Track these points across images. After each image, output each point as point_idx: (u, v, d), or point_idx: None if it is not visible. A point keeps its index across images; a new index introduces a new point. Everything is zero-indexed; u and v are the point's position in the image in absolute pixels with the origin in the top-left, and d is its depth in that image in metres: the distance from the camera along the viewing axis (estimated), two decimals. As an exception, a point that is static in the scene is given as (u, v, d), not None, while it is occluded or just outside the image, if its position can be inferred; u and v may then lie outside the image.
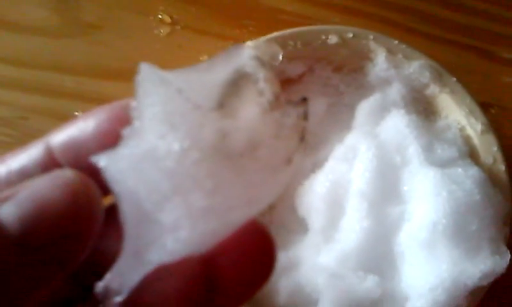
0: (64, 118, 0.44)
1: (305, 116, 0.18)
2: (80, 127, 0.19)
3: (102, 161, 0.16)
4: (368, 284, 0.32)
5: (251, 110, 0.18)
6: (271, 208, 0.39)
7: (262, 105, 0.18)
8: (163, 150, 0.16)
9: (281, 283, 0.34)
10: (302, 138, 0.18)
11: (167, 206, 0.16)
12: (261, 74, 0.18)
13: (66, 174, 0.16)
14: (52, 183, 0.16)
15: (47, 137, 0.19)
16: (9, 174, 0.18)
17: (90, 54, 0.44)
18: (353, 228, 0.33)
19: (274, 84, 0.18)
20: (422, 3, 0.46)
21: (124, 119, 0.18)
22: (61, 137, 0.19)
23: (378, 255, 0.34)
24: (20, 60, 0.44)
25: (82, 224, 0.16)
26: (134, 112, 0.17)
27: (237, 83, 0.18)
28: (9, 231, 0.15)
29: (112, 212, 0.17)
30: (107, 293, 0.17)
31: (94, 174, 0.16)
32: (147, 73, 0.17)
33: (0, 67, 0.43)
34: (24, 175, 0.18)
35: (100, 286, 0.17)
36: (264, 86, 0.18)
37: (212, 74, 0.18)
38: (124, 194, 0.16)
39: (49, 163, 0.19)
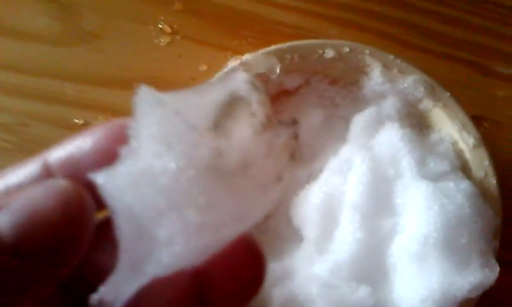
0: (64, 124, 0.46)
1: (295, 136, 0.19)
2: (78, 145, 0.19)
3: (100, 178, 0.16)
4: (361, 294, 0.33)
5: (244, 130, 0.18)
6: (267, 217, 0.39)
7: (254, 126, 0.18)
8: (159, 168, 0.17)
9: (275, 292, 0.35)
10: (292, 157, 0.19)
11: (162, 222, 0.17)
12: (254, 97, 0.19)
13: (59, 183, 0.16)
14: (45, 192, 0.16)
15: (44, 154, 0.19)
16: (8, 188, 0.19)
17: (90, 62, 0.45)
18: (346, 239, 0.34)
19: (266, 106, 0.19)
20: (418, 17, 0.47)
21: (121, 138, 0.18)
22: (59, 153, 0.19)
23: (370, 266, 0.34)
24: (21, 67, 0.44)
25: (74, 232, 0.16)
26: (131, 132, 0.17)
27: (232, 105, 0.18)
28: (3, 239, 0.15)
29: (107, 227, 0.17)
30: (102, 306, 0.17)
31: (91, 190, 0.16)
32: (145, 95, 0.18)
33: (1, 74, 0.44)
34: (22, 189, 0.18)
35: (94, 298, 0.17)
36: (256, 108, 0.19)
37: (208, 96, 0.19)
38: (120, 210, 0.16)
39: (47, 179, 0.19)
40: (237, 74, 0.19)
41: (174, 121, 0.17)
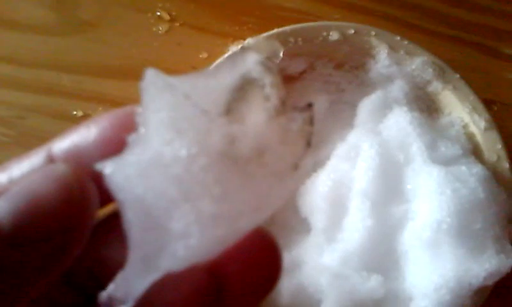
0: (62, 116, 0.45)
1: (311, 121, 0.18)
2: (83, 135, 0.19)
3: (108, 168, 0.16)
4: (372, 284, 0.32)
5: (257, 115, 0.18)
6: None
7: (268, 110, 0.18)
8: (170, 156, 0.16)
9: (284, 283, 0.34)
10: (308, 143, 0.18)
11: (176, 213, 0.16)
12: (267, 79, 0.18)
13: (58, 168, 0.16)
14: (45, 177, 0.15)
15: (48, 145, 0.19)
16: (12, 181, 0.18)
17: (88, 51, 0.44)
18: (356, 227, 0.33)
19: (280, 89, 0.18)
20: (425, 0, 0.46)
21: (127, 127, 0.17)
22: (64, 144, 0.19)
23: (381, 255, 0.33)
24: (17, 58, 0.43)
25: (76, 218, 0.15)
26: (139, 118, 0.17)
27: (244, 88, 0.18)
28: (1, 227, 0.14)
29: (115, 222, 0.17)
30: (111, 303, 0.16)
31: (97, 181, 0.16)
32: (152, 79, 0.17)
33: (-3, 65, 0.43)
34: None
35: (104, 295, 0.16)
36: (270, 91, 0.18)
37: (218, 79, 0.18)
38: (130, 202, 0.16)
39: None
40: (247, 55, 0.18)
41: (184, 105, 0.17)
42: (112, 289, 0.16)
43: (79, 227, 0.16)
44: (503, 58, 0.46)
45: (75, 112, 0.43)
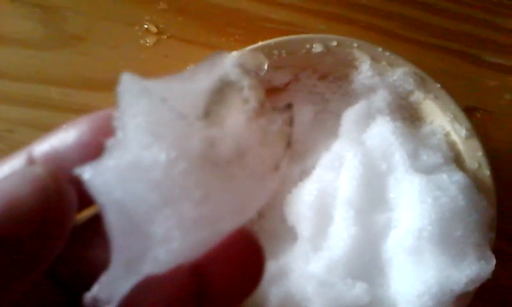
0: (51, 129, 0.45)
1: (291, 122, 0.19)
2: (62, 138, 0.19)
3: (87, 173, 0.16)
4: (357, 291, 0.32)
5: (236, 118, 0.18)
6: (261, 216, 0.39)
7: (247, 112, 0.18)
8: (149, 161, 0.16)
9: (272, 291, 0.34)
10: (288, 144, 0.19)
11: (157, 218, 0.16)
12: (245, 82, 0.18)
13: (35, 170, 0.16)
14: (21, 179, 0.15)
15: (29, 147, 0.19)
16: None
17: (76, 65, 0.44)
18: (341, 235, 0.34)
19: (258, 91, 0.18)
20: (406, 9, 0.47)
21: (106, 130, 0.18)
22: (43, 147, 0.19)
23: (366, 262, 0.34)
24: (5, 72, 0.44)
25: (53, 219, 0.15)
26: (116, 123, 0.17)
27: (222, 91, 0.18)
28: None
29: (99, 222, 0.17)
30: (96, 304, 0.16)
31: (78, 185, 0.16)
32: (129, 83, 0.17)
33: (-14, 80, 0.43)
34: None
35: (88, 296, 0.17)
36: (248, 93, 0.18)
37: (196, 82, 0.18)
38: (110, 206, 0.16)
39: None
40: (225, 57, 0.19)
41: (161, 109, 0.17)
42: (96, 290, 0.16)
43: (56, 227, 0.16)
44: (485, 66, 0.47)
45: (64, 125, 0.43)
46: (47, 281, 0.20)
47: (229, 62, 0.18)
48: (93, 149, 0.18)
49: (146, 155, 0.16)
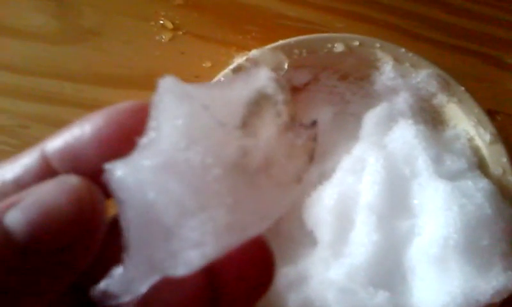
0: (64, 125, 0.44)
1: (315, 138, 0.19)
2: (77, 133, 0.18)
3: (119, 170, 0.16)
4: (379, 300, 0.32)
5: (269, 130, 0.18)
6: (278, 219, 0.38)
7: (278, 125, 0.18)
8: (185, 164, 0.16)
9: (290, 297, 0.34)
10: (311, 158, 0.19)
11: (192, 222, 0.16)
12: (280, 97, 0.19)
13: (71, 180, 0.16)
14: (57, 189, 0.16)
15: (42, 144, 0.19)
16: (5, 183, 0.18)
17: (90, 60, 0.44)
18: (362, 241, 0.33)
19: (290, 106, 0.19)
20: (426, 9, 0.46)
21: (121, 124, 0.18)
22: (57, 144, 0.18)
23: (388, 270, 0.33)
24: (19, 67, 0.43)
25: (87, 229, 0.16)
26: (151, 123, 0.17)
27: (259, 103, 0.18)
28: (16, 238, 0.15)
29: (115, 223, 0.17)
30: (105, 297, 0.16)
31: (95, 180, 0.16)
32: (170, 86, 0.17)
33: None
34: (19, 183, 0.18)
35: (97, 289, 0.16)
36: (282, 108, 0.18)
37: (234, 92, 0.18)
38: (137, 205, 0.16)
39: (46, 171, 0.18)
40: (260, 70, 0.19)
41: (202, 116, 0.17)
42: (106, 284, 0.16)
43: (89, 238, 0.16)
44: (506, 68, 0.46)
45: (77, 121, 0.43)
46: None
47: (265, 76, 0.19)
48: (109, 145, 0.18)
49: (182, 158, 0.16)
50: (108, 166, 0.16)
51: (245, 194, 0.17)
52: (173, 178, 0.16)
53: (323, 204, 0.35)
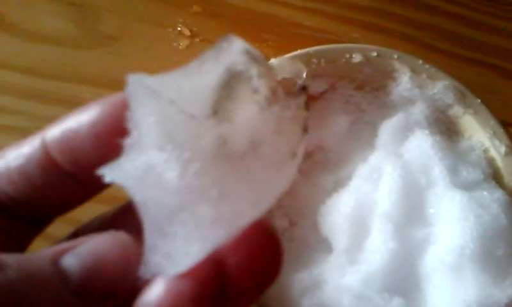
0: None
1: (306, 106, 0.18)
2: (74, 125, 0.19)
3: (107, 176, 0.16)
4: (394, 306, 0.32)
5: (247, 110, 0.17)
6: (292, 224, 0.39)
7: (258, 102, 0.17)
8: (163, 164, 0.16)
9: (305, 302, 0.34)
10: (305, 129, 0.18)
11: (176, 221, 0.16)
12: (254, 70, 0.17)
13: (122, 238, 0.17)
14: (110, 243, 0.17)
15: (42, 132, 0.20)
16: (9, 171, 0.19)
17: (108, 65, 0.44)
18: (378, 249, 0.33)
19: (269, 78, 0.18)
20: (442, 20, 0.46)
21: (116, 116, 0.18)
22: (56, 134, 0.19)
23: (403, 277, 0.33)
24: (39, 70, 0.44)
25: (130, 283, 0.17)
26: (129, 123, 0.17)
27: (230, 84, 0.17)
28: (71, 280, 0.16)
29: (128, 212, 0.19)
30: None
31: (90, 172, 0.17)
32: (135, 84, 0.17)
33: (19, 77, 0.43)
34: (23, 172, 0.19)
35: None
36: (258, 82, 0.17)
37: (203, 76, 0.17)
38: (137, 205, 0.16)
39: (46, 161, 0.19)
40: (232, 44, 0.18)
41: (170, 111, 0.16)
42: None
43: (130, 290, 0.17)
44: (519, 80, 0.46)
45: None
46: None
47: (236, 49, 0.17)
48: (105, 137, 0.18)
49: (160, 157, 0.16)
50: (99, 172, 0.16)
51: (232, 182, 0.17)
52: (154, 179, 0.16)
53: (339, 211, 0.35)
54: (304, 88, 0.18)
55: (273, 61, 0.37)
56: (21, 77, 0.43)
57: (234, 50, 0.17)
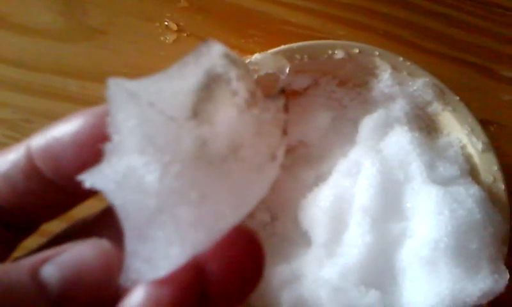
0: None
1: (285, 109, 0.18)
2: (57, 135, 0.19)
3: (87, 182, 0.16)
4: (370, 299, 0.33)
5: (227, 112, 0.17)
6: (274, 219, 0.39)
7: (238, 105, 0.17)
8: (143, 167, 0.16)
9: (284, 295, 0.35)
10: (284, 131, 0.18)
11: (156, 223, 0.16)
12: (233, 72, 0.17)
13: (103, 245, 0.17)
14: (91, 251, 0.17)
15: (28, 141, 0.20)
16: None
17: (95, 58, 0.44)
18: (356, 242, 0.34)
19: (248, 80, 0.18)
20: (426, 19, 0.47)
21: (97, 127, 0.18)
22: (40, 142, 0.19)
23: (380, 270, 0.34)
24: (25, 62, 0.44)
25: (110, 292, 0.17)
26: (110, 127, 0.17)
27: (209, 87, 0.17)
28: (49, 290, 0.16)
29: (109, 216, 0.18)
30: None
31: (74, 183, 0.17)
32: (115, 88, 0.17)
33: (5, 69, 0.44)
34: (7, 179, 0.19)
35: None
36: (237, 85, 0.17)
37: (183, 79, 0.17)
38: (117, 210, 0.16)
39: (30, 167, 0.19)
40: (211, 47, 0.18)
41: (150, 114, 0.16)
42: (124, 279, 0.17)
43: (111, 299, 0.17)
44: (500, 79, 0.47)
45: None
46: None
47: (215, 53, 0.17)
48: (88, 147, 0.18)
49: (140, 160, 0.16)
50: (79, 178, 0.16)
51: (213, 185, 0.17)
52: (134, 182, 0.16)
53: (319, 205, 0.36)
54: (283, 91, 0.18)
55: (257, 56, 0.38)
56: (8, 69, 0.43)
57: (213, 54, 0.17)
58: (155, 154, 0.16)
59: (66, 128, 0.19)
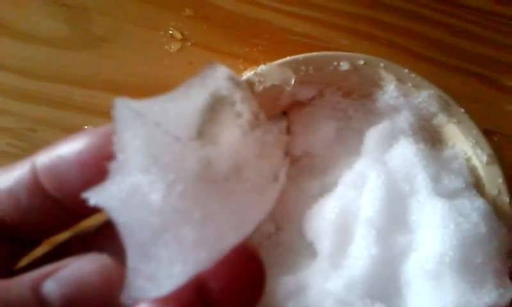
0: (72, 130, 0.44)
1: (287, 131, 0.19)
2: (61, 154, 0.19)
3: (92, 199, 0.16)
4: (375, 312, 0.33)
5: (231, 133, 0.18)
6: (278, 229, 0.39)
7: (241, 126, 0.18)
8: (147, 186, 0.16)
9: (289, 306, 0.35)
10: (286, 153, 0.19)
11: (159, 242, 0.16)
12: (237, 95, 0.18)
13: (104, 261, 0.17)
14: (91, 266, 0.17)
15: (33, 157, 0.20)
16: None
17: (100, 67, 0.44)
18: (361, 255, 0.34)
19: (251, 103, 0.18)
20: (430, 29, 0.47)
21: (100, 148, 0.19)
22: (45, 159, 0.19)
23: (385, 283, 0.34)
24: (30, 71, 0.44)
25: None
26: (116, 146, 0.17)
27: (214, 108, 0.18)
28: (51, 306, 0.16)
29: (110, 229, 0.18)
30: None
31: (78, 201, 0.17)
32: (121, 108, 0.17)
33: (10, 77, 0.44)
34: (11, 194, 0.19)
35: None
36: (241, 107, 0.18)
37: (188, 101, 0.18)
38: (120, 229, 0.16)
39: (34, 185, 0.19)
40: (216, 70, 0.18)
41: (155, 133, 0.17)
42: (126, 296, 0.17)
43: None
44: (504, 90, 0.47)
45: (86, 127, 0.44)
46: None
47: (220, 75, 0.18)
48: (92, 168, 0.19)
49: (144, 179, 0.16)
50: (84, 196, 0.16)
51: (215, 205, 0.17)
52: (139, 200, 0.16)
53: (324, 217, 0.36)
54: (285, 113, 0.19)
55: (262, 67, 0.38)
56: (12, 77, 0.43)
57: (218, 77, 0.18)
58: (160, 173, 0.16)
59: (70, 147, 0.19)
